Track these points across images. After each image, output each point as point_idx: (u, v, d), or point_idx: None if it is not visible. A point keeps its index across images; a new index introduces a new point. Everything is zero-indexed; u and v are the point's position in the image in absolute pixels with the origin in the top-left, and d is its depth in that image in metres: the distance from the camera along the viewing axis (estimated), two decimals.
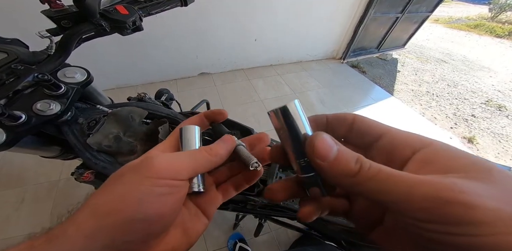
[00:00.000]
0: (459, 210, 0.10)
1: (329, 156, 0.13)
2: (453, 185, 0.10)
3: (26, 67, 0.35)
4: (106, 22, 0.42)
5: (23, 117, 0.34)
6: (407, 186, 0.11)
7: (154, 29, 1.77)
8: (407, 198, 0.11)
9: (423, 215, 0.10)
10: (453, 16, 7.85)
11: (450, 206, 0.10)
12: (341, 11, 2.45)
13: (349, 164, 0.13)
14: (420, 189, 0.11)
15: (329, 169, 0.13)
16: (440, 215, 0.10)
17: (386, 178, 0.12)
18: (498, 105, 2.56)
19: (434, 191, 0.10)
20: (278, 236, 1.18)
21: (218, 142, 0.20)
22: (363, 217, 0.17)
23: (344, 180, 0.13)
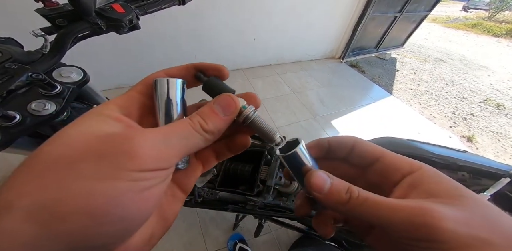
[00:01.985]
0: (428, 231, 0.12)
1: (323, 189, 0.16)
2: (426, 211, 0.13)
3: (20, 66, 0.35)
4: (102, 21, 0.41)
5: (17, 118, 0.33)
6: (389, 211, 0.14)
7: (152, 29, 1.76)
8: (389, 221, 0.13)
9: (402, 234, 0.13)
10: (451, 15, 7.90)
11: (422, 228, 0.12)
12: (340, 11, 2.45)
13: (340, 194, 0.15)
14: (399, 214, 0.13)
15: (325, 200, 0.16)
16: (414, 234, 0.13)
17: (372, 205, 0.14)
18: (496, 104, 2.57)
19: (410, 216, 0.13)
20: (278, 236, 1.18)
21: (215, 107, 0.16)
22: (358, 224, 0.19)
23: (338, 207, 0.15)
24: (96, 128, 0.13)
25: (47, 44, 0.39)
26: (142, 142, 0.12)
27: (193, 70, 0.18)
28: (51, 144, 0.12)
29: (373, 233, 0.18)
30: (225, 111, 0.16)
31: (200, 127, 0.15)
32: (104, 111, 0.14)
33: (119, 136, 0.12)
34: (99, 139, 0.12)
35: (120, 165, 0.11)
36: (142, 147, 0.12)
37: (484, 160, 0.59)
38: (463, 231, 0.12)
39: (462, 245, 0.12)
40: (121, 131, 0.14)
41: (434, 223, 0.12)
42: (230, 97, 0.16)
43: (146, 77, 0.18)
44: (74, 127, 0.13)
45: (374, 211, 0.14)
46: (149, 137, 0.13)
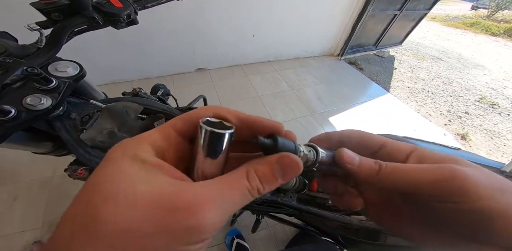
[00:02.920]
0: (457, 184, 0.14)
1: (355, 161, 0.17)
2: (450, 167, 0.14)
3: (14, 60, 0.34)
4: (99, 15, 0.40)
5: (12, 112, 0.33)
6: (417, 174, 0.15)
7: (150, 24, 1.73)
8: (420, 183, 0.15)
9: (432, 192, 0.15)
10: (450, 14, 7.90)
11: (451, 183, 0.14)
12: (340, 8, 2.43)
13: (371, 165, 0.17)
14: (427, 174, 0.15)
15: (358, 170, 0.17)
16: (444, 190, 0.14)
17: (401, 171, 0.16)
18: (491, 102, 2.61)
19: (437, 174, 0.14)
20: (275, 232, 1.20)
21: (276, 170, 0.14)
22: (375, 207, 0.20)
23: (370, 177, 0.16)
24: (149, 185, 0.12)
25: (42, 38, 0.38)
26: (207, 213, 0.11)
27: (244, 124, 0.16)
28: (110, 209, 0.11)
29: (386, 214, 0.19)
30: (285, 176, 0.15)
31: (256, 191, 0.14)
32: (141, 155, 0.13)
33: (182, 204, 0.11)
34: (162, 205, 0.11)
35: (185, 240, 0.11)
36: (208, 219, 0.11)
37: (477, 157, 0.60)
38: (485, 182, 0.14)
39: (486, 194, 0.13)
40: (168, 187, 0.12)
41: (461, 176, 0.14)
42: (296, 161, 0.15)
43: (189, 113, 0.15)
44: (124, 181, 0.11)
45: (403, 176, 0.15)
46: (211, 205, 0.12)
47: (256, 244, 1.14)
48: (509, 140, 2.06)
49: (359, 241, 0.57)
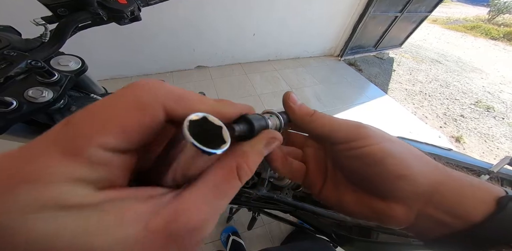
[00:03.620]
0: (363, 130, 0.18)
1: (296, 102, 0.20)
2: (360, 122, 0.19)
3: (19, 53, 0.34)
4: (103, 11, 0.41)
5: (14, 104, 0.33)
6: (338, 123, 0.19)
7: (152, 21, 1.72)
8: (337, 129, 0.19)
9: (342, 139, 0.18)
10: (451, 17, 7.93)
11: (360, 128, 0.18)
12: (341, 9, 2.44)
13: (308, 108, 0.20)
14: (347, 122, 0.19)
15: (297, 110, 0.20)
16: (353, 134, 0.18)
17: (328, 118, 0.19)
18: (486, 106, 2.64)
19: (350, 125, 0.19)
20: (271, 230, 1.21)
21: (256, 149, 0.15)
22: (315, 176, 0.22)
23: (305, 118, 0.20)
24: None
25: (47, 33, 0.39)
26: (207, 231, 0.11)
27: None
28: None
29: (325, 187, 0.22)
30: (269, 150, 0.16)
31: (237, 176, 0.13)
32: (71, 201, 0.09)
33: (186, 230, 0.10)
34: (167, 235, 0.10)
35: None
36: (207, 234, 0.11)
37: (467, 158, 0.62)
38: (379, 134, 0.18)
39: (381, 139, 0.18)
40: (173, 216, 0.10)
41: (364, 125, 0.19)
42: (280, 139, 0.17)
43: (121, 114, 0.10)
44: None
45: (328, 122, 0.19)
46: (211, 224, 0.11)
47: (251, 241, 1.16)
48: (503, 143, 2.10)
49: (352, 238, 0.59)
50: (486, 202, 0.15)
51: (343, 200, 0.20)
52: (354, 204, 0.19)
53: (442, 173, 0.17)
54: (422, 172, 0.17)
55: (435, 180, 0.17)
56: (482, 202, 0.15)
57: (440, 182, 0.17)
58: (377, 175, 0.17)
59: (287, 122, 0.20)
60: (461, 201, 0.16)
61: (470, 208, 0.15)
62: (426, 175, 0.17)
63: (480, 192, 0.16)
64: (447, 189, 0.16)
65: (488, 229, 0.15)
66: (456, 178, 0.17)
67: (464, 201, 0.16)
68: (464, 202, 0.16)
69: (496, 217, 0.15)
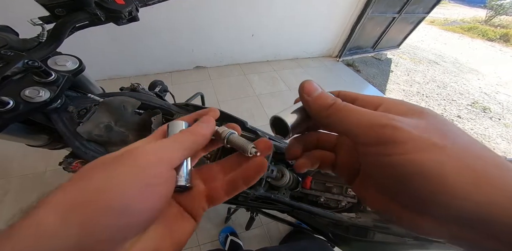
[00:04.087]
0: (390, 131, 0.13)
1: (313, 93, 0.18)
2: (388, 116, 0.14)
3: (16, 53, 0.34)
4: (101, 12, 0.41)
5: (10, 103, 0.33)
6: (359, 116, 0.15)
7: (150, 21, 1.72)
8: (358, 124, 0.15)
9: (366, 139, 0.14)
10: (449, 18, 7.99)
11: (386, 128, 0.13)
12: (339, 10, 2.45)
13: (327, 99, 0.17)
14: (366, 118, 0.15)
15: (312, 103, 0.17)
16: (377, 135, 0.14)
17: (348, 110, 0.16)
18: (483, 107, 2.66)
19: (374, 119, 0.14)
20: (269, 230, 1.21)
21: (197, 123, 0.19)
22: (345, 168, 0.20)
23: (321, 111, 0.17)
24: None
25: (44, 33, 0.39)
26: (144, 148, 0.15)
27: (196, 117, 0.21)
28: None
29: (357, 179, 0.19)
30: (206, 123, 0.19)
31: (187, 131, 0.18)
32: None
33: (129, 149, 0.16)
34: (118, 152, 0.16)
35: (126, 164, 0.14)
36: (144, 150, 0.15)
37: None
38: (420, 135, 0.13)
39: (418, 147, 0.12)
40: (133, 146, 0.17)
41: (393, 124, 0.13)
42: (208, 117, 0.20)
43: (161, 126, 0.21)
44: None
45: (350, 116, 0.15)
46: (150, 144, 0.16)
47: (249, 242, 1.16)
48: (499, 144, 2.12)
49: (349, 238, 0.59)
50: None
51: (370, 200, 0.18)
52: (382, 207, 0.17)
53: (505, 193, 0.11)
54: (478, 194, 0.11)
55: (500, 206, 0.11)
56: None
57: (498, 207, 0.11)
58: (406, 190, 0.13)
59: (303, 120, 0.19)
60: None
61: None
62: (483, 199, 0.11)
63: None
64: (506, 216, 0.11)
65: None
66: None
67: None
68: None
69: None
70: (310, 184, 0.66)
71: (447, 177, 0.12)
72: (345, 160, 0.20)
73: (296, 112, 0.19)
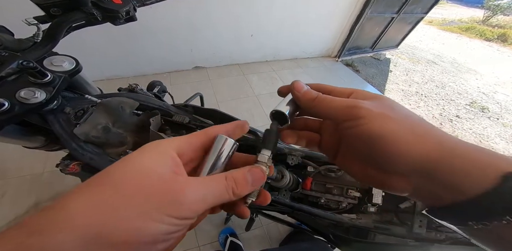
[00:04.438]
0: (356, 110, 0.19)
1: (302, 89, 0.22)
2: (355, 101, 0.19)
3: (10, 53, 0.34)
4: (98, 11, 0.40)
5: (5, 105, 0.33)
6: (337, 103, 0.20)
7: (148, 21, 1.71)
8: (336, 109, 0.20)
9: (340, 117, 0.19)
10: (447, 18, 8.02)
11: (353, 108, 0.19)
12: (339, 10, 2.45)
13: (312, 93, 0.22)
14: (341, 104, 0.20)
15: (302, 96, 0.22)
16: (346, 115, 0.19)
17: (329, 100, 0.21)
18: (481, 107, 2.67)
19: (346, 104, 0.19)
20: (269, 231, 1.21)
21: (248, 177, 0.19)
22: (329, 146, 0.25)
23: (309, 102, 0.21)
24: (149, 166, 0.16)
25: (39, 33, 0.38)
26: (188, 194, 0.16)
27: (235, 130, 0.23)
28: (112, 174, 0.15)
29: (339, 155, 0.24)
30: (254, 183, 0.20)
31: (231, 191, 0.18)
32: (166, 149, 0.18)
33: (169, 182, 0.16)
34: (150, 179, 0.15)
35: (167, 211, 0.15)
36: (188, 199, 0.15)
37: None
38: (376, 111, 0.18)
39: (375, 118, 0.18)
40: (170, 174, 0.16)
41: (357, 105, 0.19)
42: (263, 172, 0.21)
43: (209, 129, 0.21)
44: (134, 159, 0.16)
45: (328, 103, 0.20)
46: (194, 190, 0.16)
47: (249, 243, 1.15)
48: (497, 143, 2.12)
49: (349, 239, 0.58)
50: (490, 178, 0.15)
51: (350, 169, 0.23)
52: (359, 173, 0.22)
53: (444, 149, 0.16)
54: (418, 148, 0.17)
55: (434, 156, 0.16)
56: (485, 179, 0.15)
57: (440, 159, 0.16)
58: (372, 152, 0.19)
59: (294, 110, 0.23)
60: (462, 179, 0.16)
61: (471, 185, 0.15)
62: (423, 151, 0.17)
63: (485, 169, 0.15)
64: (447, 167, 0.16)
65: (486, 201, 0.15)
66: (461, 153, 0.16)
67: (465, 180, 0.15)
68: (466, 180, 0.15)
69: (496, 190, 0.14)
70: (310, 185, 0.65)
71: (399, 138, 0.17)
72: (328, 139, 0.25)
73: (289, 104, 0.23)
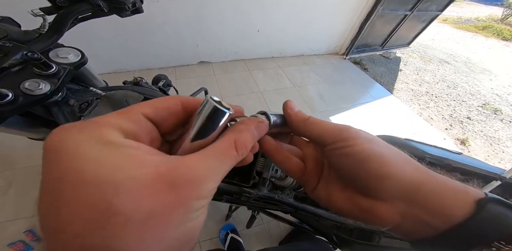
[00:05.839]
0: (347, 131, 0.20)
1: (294, 109, 0.23)
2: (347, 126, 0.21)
3: (14, 44, 0.33)
4: (104, 3, 0.39)
5: (9, 96, 0.32)
6: (328, 126, 0.21)
7: (155, 14, 1.70)
8: (327, 132, 0.21)
9: (331, 139, 0.20)
10: (463, 16, 7.72)
11: (344, 130, 0.20)
12: (348, 6, 2.38)
13: (303, 115, 0.23)
14: (334, 126, 0.21)
15: (294, 116, 0.22)
16: (340, 135, 0.20)
17: (321, 123, 0.22)
18: (494, 109, 2.58)
19: (336, 126, 0.21)
20: (270, 229, 1.21)
21: (248, 129, 0.17)
22: (312, 174, 0.24)
23: (300, 123, 0.22)
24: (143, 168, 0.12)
25: (45, 24, 0.38)
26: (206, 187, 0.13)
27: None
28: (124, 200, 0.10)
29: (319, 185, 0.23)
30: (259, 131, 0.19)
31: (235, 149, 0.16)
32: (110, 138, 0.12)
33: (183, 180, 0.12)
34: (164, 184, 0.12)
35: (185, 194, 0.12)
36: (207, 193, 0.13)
37: (477, 162, 0.60)
38: (364, 135, 0.20)
39: (364, 140, 0.19)
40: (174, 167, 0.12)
41: (349, 128, 0.20)
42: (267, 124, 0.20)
43: (157, 100, 0.16)
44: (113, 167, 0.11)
45: (321, 125, 0.21)
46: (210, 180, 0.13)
47: (250, 240, 1.16)
48: (509, 147, 2.06)
49: (352, 241, 0.57)
50: (466, 203, 0.16)
51: (333, 197, 0.22)
52: (343, 201, 0.21)
53: (423, 173, 0.18)
54: (403, 171, 0.18)
55: (417, 180, 0.17)
56: (463, 203, 0.16)
57: (422, 182, 0.17)
58: (362, 174, 0.19)
59: (282, 124, 0.23)
60: (443, 201, 0.17)
61: (451, 208, 0.16)
62: (407, 174, 0.18)
63: (461, 194, 0.17)
64: (429, 189, 0.17)
65: (468, 229, 0.15)
66: (438, 179, 0.18)
67: (445, 202, 0.16)
68: (446, 203, 0.16)
69: (476, 217, 0.15)
70: None
71: (389, 160, 0.18)
72: (311, 166, 0.24)
73: (278, 117, 0.23)
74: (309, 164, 0.24)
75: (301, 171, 0.24)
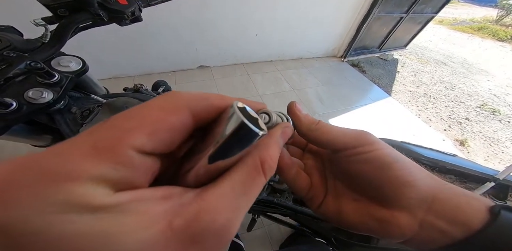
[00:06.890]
0: (364, 136, 0.19)
1: (302, 111, 0.21)
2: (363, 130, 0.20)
3: (18, 54, 0.34)
4: (104, 12, 0.40)
5: (14, 105, 0.33)
6: (342, 132, 0.20)
7: (154, 20, 1.72)
8: (343, 138, 0.19)
9: (351, 142, 0.19)
10: (458, 17, 7.82)
11: (363, 135, 0.19)
12: (345, 9, 2.42)
13: (313, 118, 0.21)
14: (350, 130, 0.20)
15: (303, 118, 0.20)
16: (358, 140, 0.19)
17: (333, 127, 0.20)
18: (492, 109, 2.60)
19: (355, 133, 0.19)
20: (270, 232, 1.21)
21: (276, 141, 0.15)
22: (319, 188, 0.22)
23: (310, 127, 0.20)
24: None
25: (47, 34, 0.39)
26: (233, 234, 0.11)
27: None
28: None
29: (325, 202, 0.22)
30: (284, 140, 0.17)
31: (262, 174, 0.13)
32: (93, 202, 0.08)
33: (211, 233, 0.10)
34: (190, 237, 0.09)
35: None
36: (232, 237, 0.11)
37: (472, 164, 0.61)
38: (383, 142, 0.19)
39: (384, 145, 0.18)
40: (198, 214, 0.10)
41: (366, 132, 0.19)
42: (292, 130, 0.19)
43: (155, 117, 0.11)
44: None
45: (333, 130, 0.20)
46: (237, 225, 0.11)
47: (250, 243, 1.15)
48: (508, 147, 2.06)
49: (351, 243, 0.58)
50: (480, 210, 0.16)
51: (343, 210, 0.20)
52: (355, 214, 0.19)
53: (437, 181, 0.18)
54: (422, 178, 0.18)
55: (433, 187, 0.17)
56: (478, 211, 0.16)
57: (438, 190, 0.17)
58: (385, 180, 0.17)
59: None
60: (459, 208, 0.16)
61: (468, 215, 0.16)
62: (426, 182, 0.17)
63: (474, 201, 0.17)
64: (445, 197, 0.17)
65: (487, 236, 0.15)
66: (450, 187, 0.18)
67: (461, 209, 0.16)
68: (462, 210, 0.16)
69: (494, 224, 0.15)
70: None
71: (409, 166, 0.18)
72: (317, 180, 0.22)
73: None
74: (314, 177, 0.22)
75: (308, 186, 0.22)
